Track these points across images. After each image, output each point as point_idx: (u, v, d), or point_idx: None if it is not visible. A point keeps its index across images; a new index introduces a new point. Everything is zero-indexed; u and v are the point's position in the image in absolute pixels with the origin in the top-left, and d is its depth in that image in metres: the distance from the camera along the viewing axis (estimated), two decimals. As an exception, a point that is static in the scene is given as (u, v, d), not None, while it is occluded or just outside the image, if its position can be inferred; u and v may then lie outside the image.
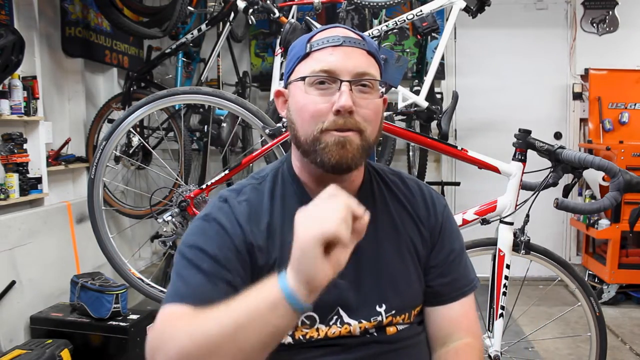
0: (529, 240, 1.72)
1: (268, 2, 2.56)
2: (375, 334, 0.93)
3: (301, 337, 0.91)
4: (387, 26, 2.23)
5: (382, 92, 0.94)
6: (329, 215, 0.69)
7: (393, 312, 0.94)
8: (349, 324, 0.92)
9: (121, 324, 2.38)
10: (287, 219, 0.92)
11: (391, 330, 0.94)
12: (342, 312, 0.92)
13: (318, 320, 0.91)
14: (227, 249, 0.88)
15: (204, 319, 0.75)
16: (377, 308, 0.93)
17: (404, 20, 2.23)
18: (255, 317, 0.71)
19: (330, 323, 0.91)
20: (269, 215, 0.93)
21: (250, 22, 2.74)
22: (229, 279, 0.86)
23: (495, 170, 1.73)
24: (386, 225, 0.98)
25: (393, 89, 1.79)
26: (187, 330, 0.75)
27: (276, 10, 2.48)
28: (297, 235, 0.70)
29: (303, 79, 0.90)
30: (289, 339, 0.91)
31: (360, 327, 0.92)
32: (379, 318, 0.93)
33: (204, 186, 1.99)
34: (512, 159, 1.72)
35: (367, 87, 0.90)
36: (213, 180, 1.97)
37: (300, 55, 0.93)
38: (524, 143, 1.69)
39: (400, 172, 1.08)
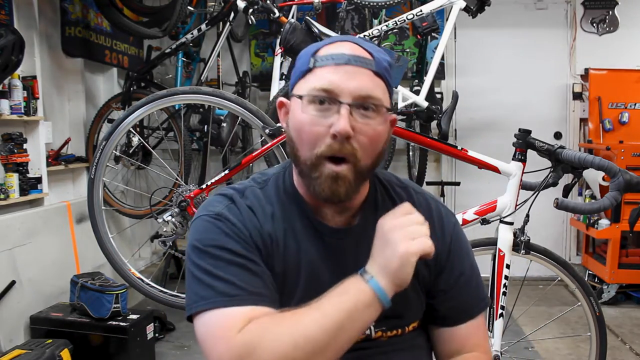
0: (529, 240, 1.72)
1: (268, 2, 2.56)
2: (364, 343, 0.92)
3: None
4: (387, 26, 2.23)
5: (388, 115, 0.89)
6: (423, 232, 0.82)
7: (383, 328, 0.93)
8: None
9: (121, 324, 2.38)
10: (288, 233, 0.91)
11: (382, 338, 0.94)
12: None
13: None
14: (247, 245, 0.87)
15: (301, 322, 0.78)
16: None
17: (404, 20, 2.23)
18: (355, 317, 0.79)
19: None
20: (271, 223, 0.91)
21: (250, 22, 2.74)
22: (262, 270, 0.86)
23: (495, 170, 1.73)
24: None
25: (393, 89, 1.79)
26: (285, 337, 0.76)
27: (276, 10, 2.48)
28: (397, 248, 0.80)
29: (301, 97, 0.87)
30: None
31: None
32: (367, 332, 0.92)
33: (204, 186, 1.99)
34: (512, 159, 1.72)
35: (370, 111, 0.85)
36: (213, 180, 1.97)
37: (304, 69, 0.89)
38: (524, 143, 1.69)
39: (409, 185, 1.03)
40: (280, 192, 0.95)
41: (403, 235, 0.81)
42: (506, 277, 1.68)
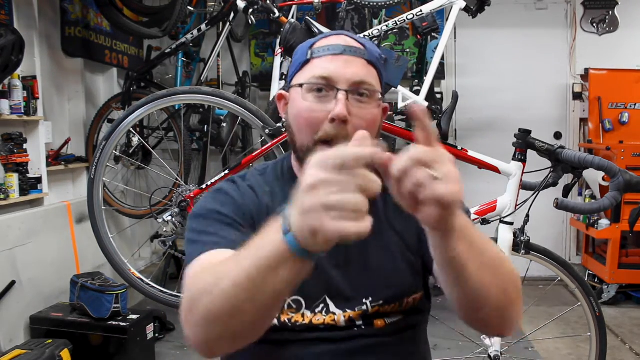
0: (529, 240, 1.72)
1: (268, 2, 2.56)
2: (363, 326, 0.93)
3: (287, 321, 0.92)
4: (387, 26, 2.23)
5: (381, 100, 0.94)
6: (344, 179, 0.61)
7: (380, 302, 0.94)
8: (334, 313, 0.92)
9: (121, 324, 2.38)
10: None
11: (379, 323, 0.94)
12: (328, 301, 0.93)
13: (304, 306, 0.92)
14: (241, 213, 0.92)
15: (219, 274, 0.72)
16: (364, 300, 0.93)
17: (404, 20, 2.23)
18: (270, 273, 0.67)
19: (316, 310, 0.92)
20: (270, 197, 0.97)
21: (250, 22, 2.74)
22: (248, 233, 0.85)
23: (495, 170, 1.73)
24: (376, 220, 0.94)
25: (393, 89, 1.79)
26: (207, 290, 0.71)
27: (276, 10, 2.48)
28: (305, 194, 0.62)
29: (301, 85, 0.92)
30: (274, 321, 0.92)
31: (344, 316, 0.92)
32: (364, 308, 0.93)
33: (204, 186, 1.99)
34: (512, 159, 1.72)
35: (365, 97, 0.91)
36: (213, 180, 1.97)
37: (301, 61, 0.94)
38: (524, 143, 1.69)
39: None
40: (278, 176, 1.01)
41: (322, 201, 0.61)
42: (506, 277, 1.68)
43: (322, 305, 0.93)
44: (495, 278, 0.79)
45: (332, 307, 0.93)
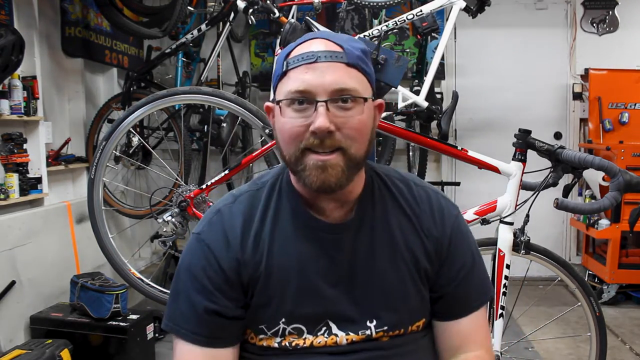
0: (529, 240, 1.72)
1: (268, 2, 2.56)
2: (365, 343, 0.92)
3: (287, 344, 0.91)
4: (387, 26, 2.23)
5: (369, 101, 0.89)
6: None
7: (385, 328, 0.92)
8: (336, 335, 0.91)
9: (121, 324, 2.38)
10: (277, 230, 0.93)
11: (383, 339, 0.93)
12: (331, 324, 0.91)
13: (306, 332, 0.91)
14: (214, 275, 0.91)
15: None
16: (368, 323, 0.91)
17: (404, 20, 2.23)
18: None
19: (318, 333, 0.91)
20: (259, 222, 0.94)
21: (250, 22, 2.74)
22: (215, 309, 0.90)
23: (495, 170, 1.73)
24: (384, 238, 0.94)
25: (393, 89, 1.79)
26: None
27: (276, 10, 2.47)
28: None
29: (279, 102, 0.88)
30: (275, 344, 0.92)
31: (347, 339, 0.91)
32: (368, 332, 0.91)
33: (204, 186, 1.99)
34: (512, 159, 1.72)
35: (349, 102, 0.85)
36: (213, 180, 1.97)
37: (278, 73, 0.90)
38: (524, 143, 1.69)
39: (410, 178, 1.02)
40: (274, 194, 0.97)
41: None
42: (506, 277, 1.68)
43: (324, 329, 0.91)
44: None
45: (335, 329, 0.91)
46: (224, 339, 0.91)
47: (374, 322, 0.91)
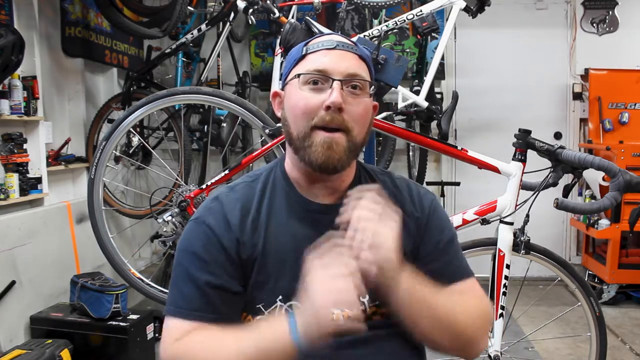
0: (529, 240, 1.72)
1: (268, 2, 2.56)
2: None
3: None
4: (387, 26, 2.23)
5: (372, 94, 0.98)
6: (346, 288, 0.81)
7: (377, 302, 0.96)
8: (332, 312, 0.92)
9: (121, 324, 2.38)
10: (272, 215, 0.99)
11: (377, 318, 0.97)
12: None
13: None
14: (215, 251, 0.95)
15: (218, 349, 0.86)
16: (361, 298, 0.93)
17: (404, 20, 2.23)
18: (268, 356, 0.83)
19: None
20: (256, 210, 0.99)
21: (250, 22, 2.74)
22: (218, 283, 0.94)
23: (495, 170, 1.73)
24: None
25: (393, 89, 1.79)
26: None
27: (276, 10, 2.47)
28: (315, 303, 0.81)
29: (298, 76, 0.96)
30: (265, 316, 0.95)
31: (343, 315, 0.91)
32: (362, 307, 0.92)
33: (204, 186, 1.99)
34: (512, 159, 1.72)
35: (358, 89, 0.95)
36: (213, 180, 1.97)
37: (297, 57, 0.99)
38: (524, 143, 1.69)
39: (390, 172, 1.13)
40: (269, 184, 1.03)
41: (323, 290, 0.81)
42: (506, 277, 1.68)
43: None
44: (447, 330, 0.93)
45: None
46: (228, 315, 0.94)
47: (367, 297, 0.95)
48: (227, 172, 1.96)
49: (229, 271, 0.94)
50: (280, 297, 0.95)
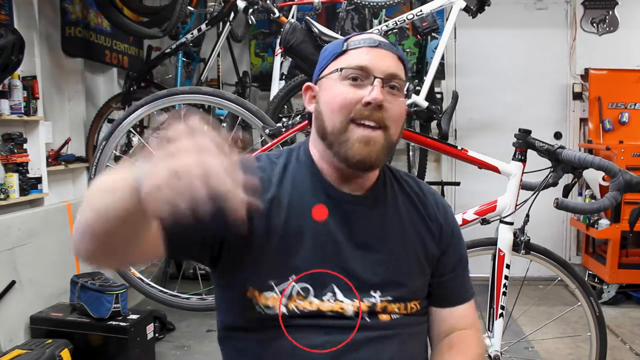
0: (529, 240, 1.72)
1: (268, 2, 2.56)
2: (368, 319, 0.94)
3: (294, 308, 0.92)
4: (387, 26, 2.23)
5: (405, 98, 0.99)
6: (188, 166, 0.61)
7: (389, 298, 0.96)
8: (342, 302, 0.93)
9: (121, 323, 2.38)
10: (295, 195, 0.96)
11: (384, 317, 0.95)
12: (336, 289, 0.93)
13: (312, 293, 0.92)
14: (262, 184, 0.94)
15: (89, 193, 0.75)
16: (372, 292, 0.95)
17: (404, 20, 2.23)
18: (109, 193, 0.70)
19: (324, 298, 0.93)
20: (276, 188, 0.96)
21: (250, 22, 2.74)
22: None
23: (495, 170, 1.73)
24: (394, 219, 1.01)
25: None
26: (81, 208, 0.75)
27: (276, 10, 2.47)
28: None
29: (340, 70, 0.95)
30: (283, 309, 0.91)
31: (353, 307, 0.93)
32: (373, 300, 0.94)
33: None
34: (512, 159, 1.72)
35: (396, 89, 0.95)
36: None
37: (336, 52, 0.98)
38: (524, 143, 1.69)
39: (414, 176, 1.13)
40: (292, 161, 1.01)
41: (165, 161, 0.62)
42: (506, 277, 1.68)
43: (329, 294, 0.93)
44: None
45: (340, 296, 0.93)
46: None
47: (378, 292, 0.95)
48: (227, 172, 1.96)
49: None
50: (293, 275, 0.92)
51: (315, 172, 1.00)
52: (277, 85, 3.02)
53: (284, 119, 1.98)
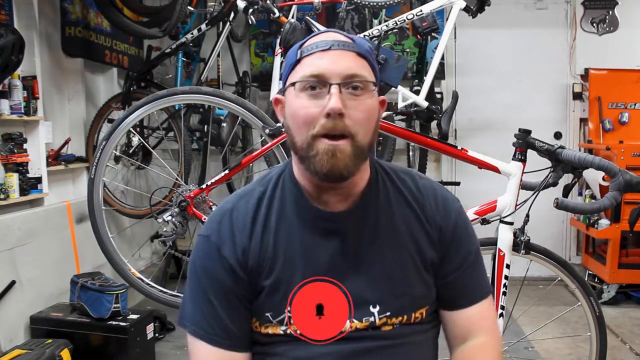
0: (529, 240, 1.72)
1: (268, 2, 2.56)
2: (369, 331, 0.93)
3: (292, 332, 0.93)
4: (387, 26, 2.23)
5: (376, 92, 0.93)
6: None
7: (388, 313, 0.93)
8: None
9: (121, 323, 2.38)
10: (282, 223, 0.96)
11: (386, 328, 0.94)
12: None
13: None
14: (225, 273, 0.94)
15: None
16: (371, 309, 0.93)
17: (404, 20, 2.23)
18: None
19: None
20: (265, 217, 0.96)
21: (250, 22, 2.74)
22: (230, 303, 0.94)
23: (495, 170, 1.73)
24: (387, 229, 0.97)
25: (393, 89, 1.79)
26: None
27: (276, 10, 2.47)
28: None
29: (294, 84, 0.91)
30: (280, 331, 0.93)
31: (351, 327, 0.92)
32: (371, 319, 0.92)
33: (203, 186, 1.99)
34: (512, 159, 1.72)
35: (359, 89, 0.89)
36: (213, 180, 1.97)
37: (292, 61, 0.94)
38: (524, 143, 1.69)
39: (414, 172, 1.06)
40: (278, 189, 0.99)
41: None
42: (506, 277, 1.68)
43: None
44: None
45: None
46: (236, 339, 0.94)
47: (377, 308, 0.93)
48: (227, 172, 1.96)
49: (237, 291, 0.94)
50: (289, 307, 0.92)
51: (300, 195, 0.97)
52: (277, 85, 3.02)
53: (281, 123, 1.97)
